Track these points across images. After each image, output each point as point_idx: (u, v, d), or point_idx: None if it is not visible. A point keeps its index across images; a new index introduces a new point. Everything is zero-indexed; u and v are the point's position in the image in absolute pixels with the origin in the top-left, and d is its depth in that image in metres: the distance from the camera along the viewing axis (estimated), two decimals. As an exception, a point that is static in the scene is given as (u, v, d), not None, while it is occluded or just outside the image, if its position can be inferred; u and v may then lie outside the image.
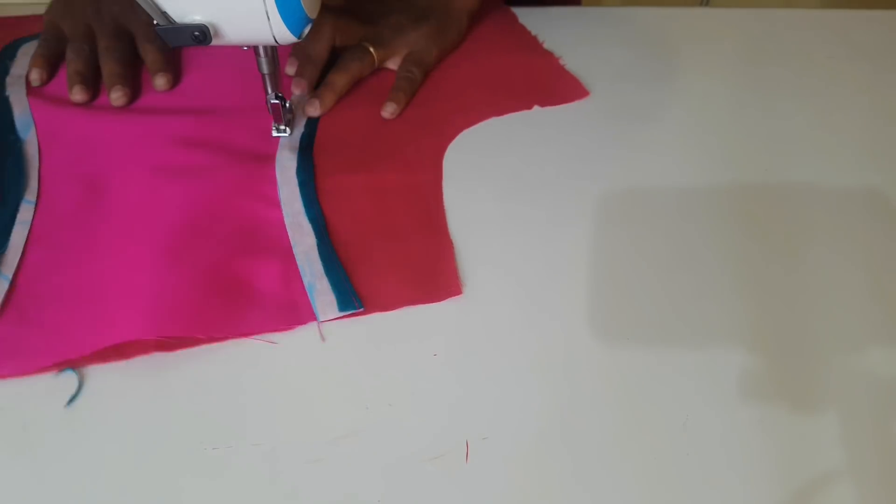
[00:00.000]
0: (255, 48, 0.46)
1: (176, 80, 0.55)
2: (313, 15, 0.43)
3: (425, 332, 0.40)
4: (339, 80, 0.54)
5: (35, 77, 0.55)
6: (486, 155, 0.50)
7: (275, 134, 0.50)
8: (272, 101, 0.48)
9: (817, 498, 0.33)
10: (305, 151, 0.50)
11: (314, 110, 0.53)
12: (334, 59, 0.56)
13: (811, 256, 0.43)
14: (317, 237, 0.44)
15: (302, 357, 0.39)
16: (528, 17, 0.62)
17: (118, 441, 0.35)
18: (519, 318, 0.40)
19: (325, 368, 0.39)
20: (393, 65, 0.58)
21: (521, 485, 0.33)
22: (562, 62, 0.59)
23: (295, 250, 0.43)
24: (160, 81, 0.54)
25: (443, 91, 0.57)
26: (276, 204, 0.46)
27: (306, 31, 0.43)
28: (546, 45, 0.60)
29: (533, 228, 0.45)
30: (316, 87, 0.55)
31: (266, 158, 0.49)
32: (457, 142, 0.51)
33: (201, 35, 0.41)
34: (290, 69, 0.57)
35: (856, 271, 0.42)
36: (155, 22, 0.41)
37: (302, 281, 0.42)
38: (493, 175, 0.49)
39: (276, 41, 0.43)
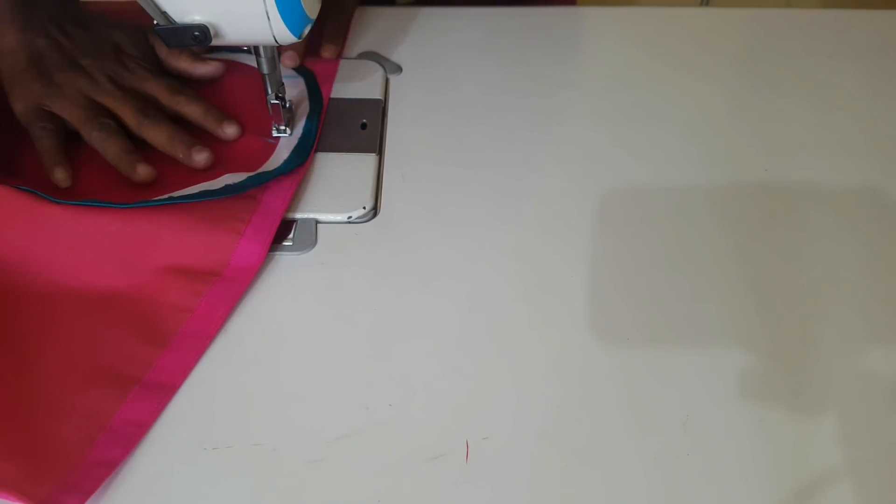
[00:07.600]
0: (255, 48, 0.46)
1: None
2: (313, 15, 0.43)
3: (425, 333, 0.40)
4: (338, 22, 0.56)
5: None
6: (486, 155, 0.50)
7: (275, 134, 0.50)
8: (272, 102, 0.48)
9: (817, 498, 0.33)
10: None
11: (330, 53, 0.55)
12: None
13: (811, 256, 0.43)
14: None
15: (302, 357, 0.39)
16: (527, 18, 0.61)
17: (118, 441, 0.35)
18: (519, 319, 0.40)
19: (325, 368, 0.39)
20: None
21: (521, 485, 0.33)
22: None
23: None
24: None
25: None
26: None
27: (306, 30, 0.43)
28: (545, 45, 0.60)
29: (533, 228, 0.45)
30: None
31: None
32: (456, 142, 0.51)
33: (201, 35, 0.41)
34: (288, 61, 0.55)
35: (856, 271, 0.42)
36: (155, 22, 0.41)
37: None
38: (493, 175, 0.49)
39: (276, 41, 0.43)
